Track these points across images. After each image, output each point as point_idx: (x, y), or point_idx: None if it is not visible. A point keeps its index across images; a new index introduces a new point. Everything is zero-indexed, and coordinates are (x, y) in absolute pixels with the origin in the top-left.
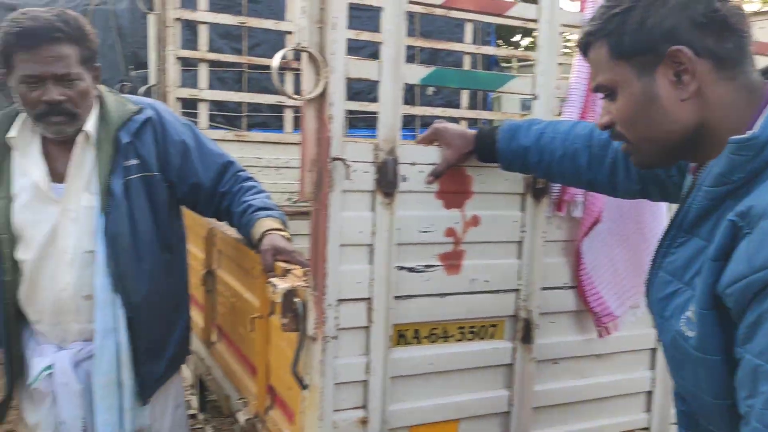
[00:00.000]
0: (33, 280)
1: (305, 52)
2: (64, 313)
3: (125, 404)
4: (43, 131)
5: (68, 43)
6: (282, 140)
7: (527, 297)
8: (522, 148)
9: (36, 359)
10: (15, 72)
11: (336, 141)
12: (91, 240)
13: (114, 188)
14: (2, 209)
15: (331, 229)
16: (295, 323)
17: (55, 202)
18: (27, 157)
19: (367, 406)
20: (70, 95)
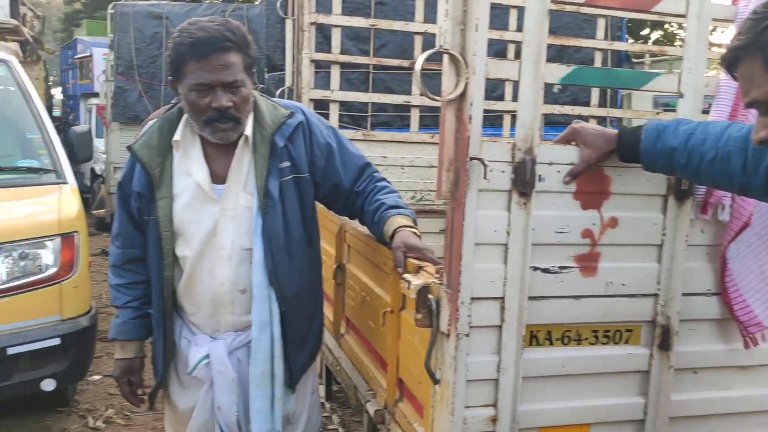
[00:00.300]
0: (192, 274)
1: (446, 54)
2: (221, 305)
3: (277, 393)
4: (209, 136)
5: (235, 51)
6: (407, 139)
7: (666, 302)
8: (669, 148)
9: (193, 348)
10: (185, 80)
11: (474, 141)
12: (248, 238)
13: (271, 189)
14: (166, 208)
15: (467, 227)
16: (429, 319)
17: (215, 202)
18: (190, 159)
19: (498, 404)
20: (236, 101)
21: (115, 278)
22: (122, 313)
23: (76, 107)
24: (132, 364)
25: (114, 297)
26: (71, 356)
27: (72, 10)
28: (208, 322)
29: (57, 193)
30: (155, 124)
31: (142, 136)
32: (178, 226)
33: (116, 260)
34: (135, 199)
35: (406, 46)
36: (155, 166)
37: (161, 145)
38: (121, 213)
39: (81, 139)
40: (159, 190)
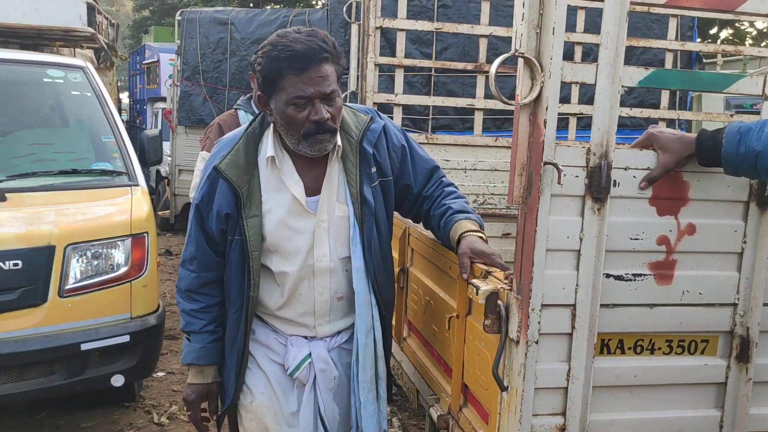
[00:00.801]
0: (292, 289)
1: (521, 58)
2: (319, 315)
3: (381, 393)
4: (306, 149)
5: (331, 62)
6: (470, 143)
7: (746, 312)
8: (753, 151)
9: (293, 349)
10: (281, 94)
11: (549, 145)
12: (345, 247)
13: (367, 197)
14: (255, 227)
15: (539, 233)
16: (498, 325)
17: (310, 215)
18: (284, 174)
19: (566, 413)
20: (332, 112)
21: (188, 303)
22: (199, 337)
23: (143, 111)
24: (210, 389)
25: (187, 323)
26: (139, 353)
27: (140, 17)
28: (303, 332)
29: (129, 195)
30: (240, 141)
31: (227, 155)
32: (272, 244)
33: (191, 285)
34: (218, 221)
35: (468, 49)
36: (243, 184)
37: (248, 163)
38: (198, 236)
39: (152, 143)
40: (247, 208)
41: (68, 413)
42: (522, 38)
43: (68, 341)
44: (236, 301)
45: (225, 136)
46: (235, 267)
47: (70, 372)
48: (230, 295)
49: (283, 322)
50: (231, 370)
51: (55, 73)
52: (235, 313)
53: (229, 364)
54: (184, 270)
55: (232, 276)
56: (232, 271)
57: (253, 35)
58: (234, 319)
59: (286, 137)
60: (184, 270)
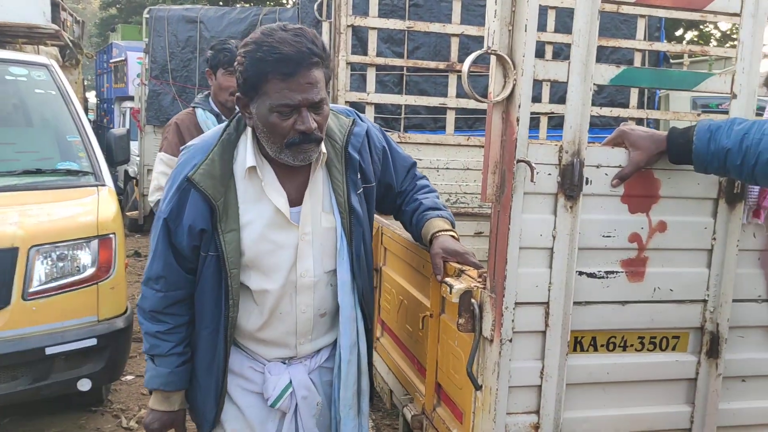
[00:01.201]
0: (273, 308)
1: (494, 55)
2: (301, 334)
3: (363, 408)
4: (288, 159)
5: (320, 67)
6: (443, 142)
7: (716, 309)
8: (722, 149)
9: (271, 378)
10: (264, 100)
11: (521, 143)
12: (330, 260)
13: (355, 206)
14: (234, 242)
15: (512, 231)
16: (471, 324)
17: (293, 228)
18: (266, 185)
19: (540, 411)
20: (319, 121)
21: (153, 325)
22: (166, 361)
23: (111, 111)
24: (176, 417)
25: (152, 345)
26: (107, 357)
27: (107, 15)
28: (282, 353)
29: (95, 195)
30: (214, 149)
31: (200, 164)
32: (251, 259)
33: (157, 305)
34: (190, 236)
35: (439, 48)
36: (219, 196)
37: (224, 173)
38: (166, 253)
39: (119, 142)
40: (224, 222)
41: (33, 419)
42: (494, 35)
43: (32, 345)
44: (211, 321)
45: (195, 142)
46: (209, 285)
47: (34, 377)
48: (203, 314)
49: (261, 345)
50: (209, 394)
51: (18, 71)
52: (210, 334)
53: (206, 388)
54: (149, 289)
55: (206, 295)
56: (205, 289)
57: (223, 33)
58: (209, 341)
59: (267, 144)
60: (148, 289)
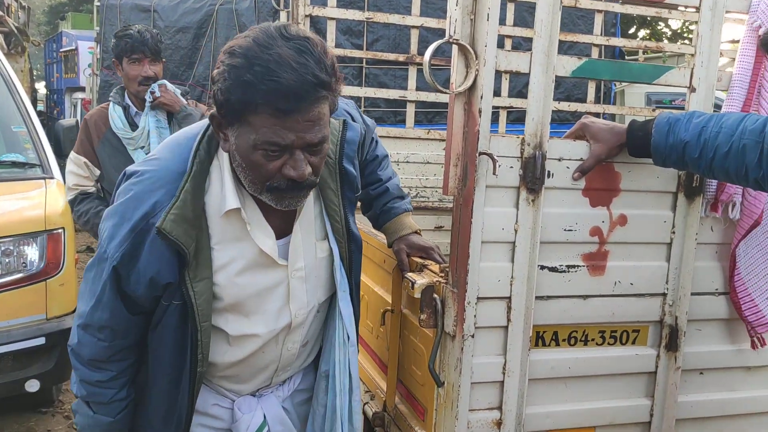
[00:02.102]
0: (255, 351)
1: (455, 45)
2: (282, 369)
3: None
4: (272, 203)
5: (326, 100)
6: (403, 135)
7: (674, 302)
8: (681, 142)
9: (243, 417)
10: (246, 130)
11: (484, 135)
12: (325, 289)
13: (354, 231)
14: (205, 293)
15: (475, 225)
16: (434, 320)
17: (282, 267)
18: (252, 227)
19: (503, 407)
20: (315, 163)
21: (93, 373)
22: (107, 409)
23: (61, 102)
24: None
25: (90, 393)
26: (56, 356)
27: (57, 3)
28: (256, 386)
29: (43, 188)
30: (186, 185)
31: (171, 208)
32: (231, 304)
33: (99, 355)
34: (150, 288)
35: (399, 41)
36: (191, 242)
37: (196, 215)
38: (113, 302)
39: (68, 133)
40: (193, 269)
41: None
42: (456, 24)
43: None
44: (172, 370)
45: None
46: (171, 336)
47: None
48: (161, 363)
49: (232, 381)
50: None
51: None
52: (167, 384)
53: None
54: (89, 336)
55: (166, 345)
56: (166, 339)
57: (178, 23)
58: (167, 389)
59: (245, 180)
60: (88, 336)
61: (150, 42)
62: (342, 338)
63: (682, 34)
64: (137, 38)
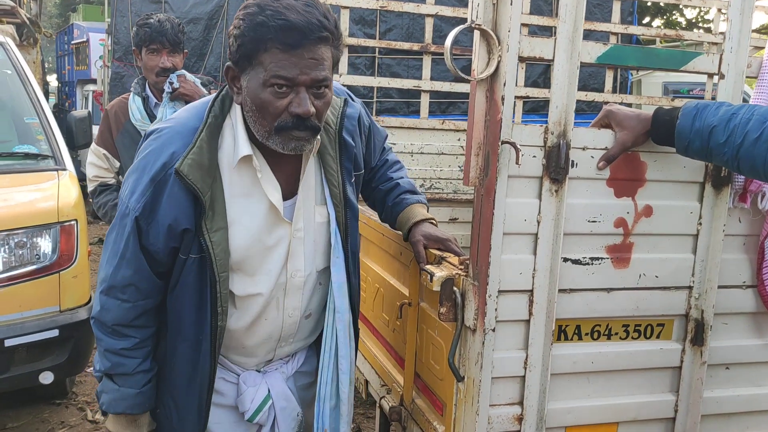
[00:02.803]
0: (258, 313)
1: (478, 30)
2: (284, 339)
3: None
4: (277, 145)
5: (329, 44)
6: (417, 126)
7: (701, 295)
8: (707, 126)
9: (248, 390)
10: (258, 71)
11: (507, 123)
12: (323, 257)
13: (351, 198)
14: (222, 242)
15: (497, 216)
16: (453, 313)
17: (285, 225)
18: (262, 178)
19: (524, 402)
20: (319, 107)
21: (116, 341)
22: (131, 380)
23: (73, 94)
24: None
25: (115, 364)
26: (70, 348)
27: None
28: (261, 359)
29: (55, 180)
30: (202, 135)
31: (188, 153)
32: (238, 262)
33: (123, 318)
34: (169, 236)
35: (412, 30)
36: (207, 189)
37: (212, 164)
38: (136, 257)
39: (80, 124)
40: (210, 220)
41: None
42: (478, 9)
43: None
44: (192, 333)
45: (168, 124)
46: (190, 293)
47: None
48: (180, 326)
49: (239, 353)
50: (188, 413)
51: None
52: (190, 347)
53: (186, 406)
54: (112, 299)
55: (185, 304)
56: (184, 298)
57: (188, 14)
58: (188, 354)
59: (254, 127)
60: (111, 300)
61: (169, 32)
62: (345, 317)
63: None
64: (156, 28)
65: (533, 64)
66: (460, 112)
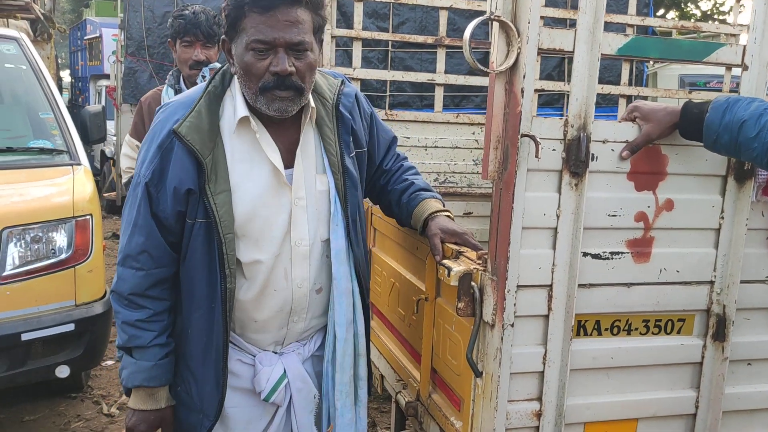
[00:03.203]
0: (266, 282)
1: (497, 22)
2: (296, 313)
3: (362, 397)
4: (264, 107)
5: (306, 8)
6: (431, 119)
7: (722, 290)
8: (738, 120)
9: (263, 369)
10: (242, 37)
11: (526, 116)
12: (325, 227)
13: (349, 167)
14: (226, 204)
15: (516, 210)
16: (471, 308)
17: (287, 191)
18: (261, 140)
19: (543, 398)
20: (299, 67)
21: (132, 312)
22: (148, 353)
23: (86, 89)
24: (164, 416)
25: (131, 336)
26: (86, 342)
27: None
28: (274, 336)
29: (70, 175)
30: (200, 101)
31: (186, 117)
32: (241, 226)
33: (138, 286)
34: (175, 200)
35: (425, 23)
36: (207, 153)
37: (211, 128)
38: (147, 223)
39: (94, 119)
40: (213, 183)
41: (10, 406)
42: (498, 0)
43: (7, 331)
44: (204, 300)
45: (176, 97)
46: (199, 258)
47: (10, 363)
48: (193, 294)
49: (252, 329)
50: (206, 383)
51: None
52: (204, 315)
53: (203, 377)
54: (127, 269)
55: (196, 270)
56: (195, 264)
57: None
58: (201, 323)
59: (245, 90)
60: (126, 269)
61: (203, 25)
62: (344, 284)
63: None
64: (191, 20)
65: (547, 57)
66: (474, 105)
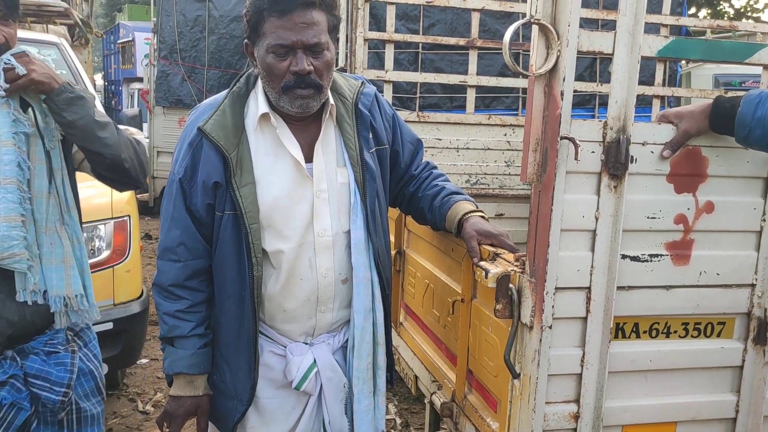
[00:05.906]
0: (291, 272)
1: (537, 25)
2: (323, 302)
3: (380, 386)
4: (287, 105)
5: (320, 9)
6: (463, 121)
7: (764, 293)
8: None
9: (294, 359)
10: (263, 41)
11: (565, 119)
12: (346, 218)
13: (368, 161)
14: (251, 196)
15: (555, 213)
16: (509, 310)
17: (309, 183)
18: (282, 135)
19: (580, 400)
20: (317, 66)
21: (171, 303)
22: (187, 342)
23: (119, 92)
24: (201, 403)
25: (171, 326)
26: (123, 341)
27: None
28: (303, 327)
29: None
30: (224, 101)
31: (211, 117)
32: (266, 217)
33: (177, 277)
34: (204, 193)
35: (455, 25)
36: (232, 148)
37: (236, 125)
38: (184, 216)
39: (132, 122)
40: (238, 176)
41: None
42: (537, 4)
43: None
44: (235, 288)
45: (206, 100)
46: (229, 248)
47: None
48: (225, 283)
49: (281, 320)
50: (239, 370)
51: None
52: (235, 303)
53: (236, 364)
54: (166, 262)
55: (227, 260)
56: (225, 254)
57: (232, 12)
58: (233, 311)
59: (268, 90)
60: (165, 262)
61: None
62: (362, 273)
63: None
64: None
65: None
66: (504, 106)
